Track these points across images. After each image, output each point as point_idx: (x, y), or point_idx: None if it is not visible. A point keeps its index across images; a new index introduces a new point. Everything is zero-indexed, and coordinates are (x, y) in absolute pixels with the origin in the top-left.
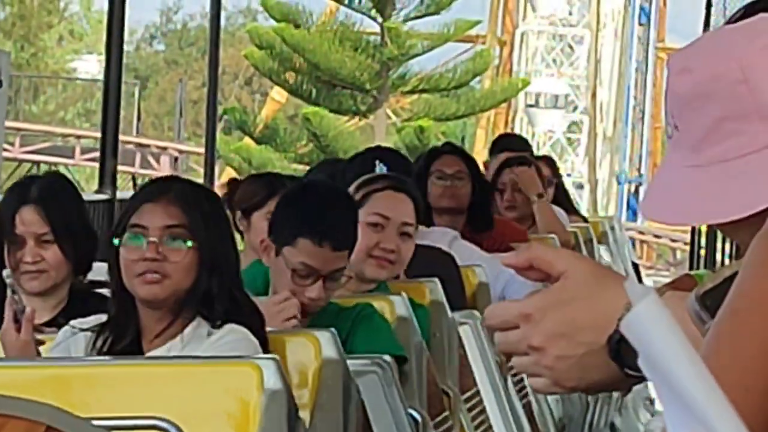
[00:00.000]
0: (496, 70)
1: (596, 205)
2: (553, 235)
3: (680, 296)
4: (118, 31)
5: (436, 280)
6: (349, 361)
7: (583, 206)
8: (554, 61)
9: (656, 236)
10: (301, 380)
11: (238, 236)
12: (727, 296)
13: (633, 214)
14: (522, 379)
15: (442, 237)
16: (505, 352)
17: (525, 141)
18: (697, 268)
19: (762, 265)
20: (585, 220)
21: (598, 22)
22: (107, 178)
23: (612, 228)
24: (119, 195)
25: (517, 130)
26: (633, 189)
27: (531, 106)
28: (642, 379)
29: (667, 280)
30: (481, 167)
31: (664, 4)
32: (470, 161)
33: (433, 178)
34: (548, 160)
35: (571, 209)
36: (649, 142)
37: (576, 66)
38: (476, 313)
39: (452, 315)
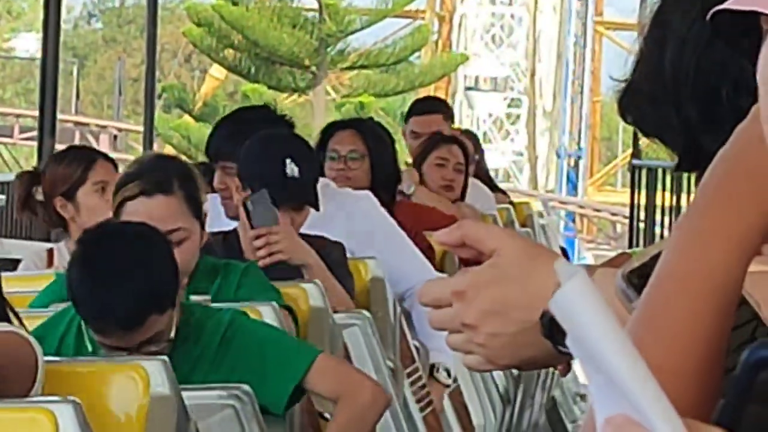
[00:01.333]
0: (435, 46)
1: (536, 181)
2: (494, 212)
3: (611, 273)
4: (55, 9)
5: (376, 257)
6: (335, 315)
7: (524, 182)
8: (493, 40)
9: (596, 210)
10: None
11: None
12: (651, 275)
13: (573, 188)
14: (424, 386)
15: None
16: (439, 329)
17: (441, 101)
18: (637, 242)
19: (684, 245)
20: (509, 199)
21: (536, 2)
22: (45, 156)
23: (539, 211)
24: None
25: (456, 113)
26: (573, 163)
27: (470, 89)
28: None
29: (608, 253)
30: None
31: None
32: (372, 137)
33: (327, 158)
34: (470, 135)
35: (495, 188)
36: (589, 116)
37: (515, 46)
38: (366, 313)
39: (335, 316)
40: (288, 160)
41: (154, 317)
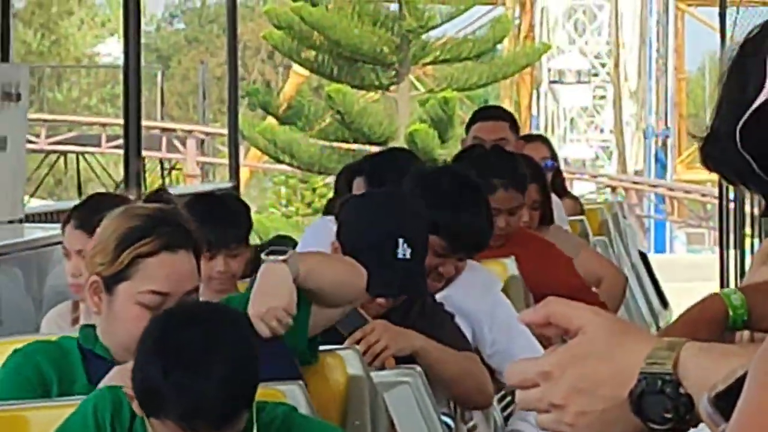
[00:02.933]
0: (518, 33)
1: (625, 164)
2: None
3: (701, 350)
4: (135, 15)
5: (513, 257)
6: (374, 374)
7: (613, 165)
8: (575, 29)
9: (686, 192)
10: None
11: None
12: (738, 404)
13: (662, 168)
14: None
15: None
16: (527, 410)
17: (506, 111)
18: (727, 222)
19: (763, 381)
20: (580, 205)
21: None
22: (132, 165)
23: (615, 215)
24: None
25: (542, 109)
26: (660, 142)
27: (555, 82)
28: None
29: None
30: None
31: None
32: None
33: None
34: (544, 140)
35: (565, 193)
36: (674, 94)
37: (598, 34)
38: (417, 369)
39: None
40: (401, 240)
41: (244, 411)
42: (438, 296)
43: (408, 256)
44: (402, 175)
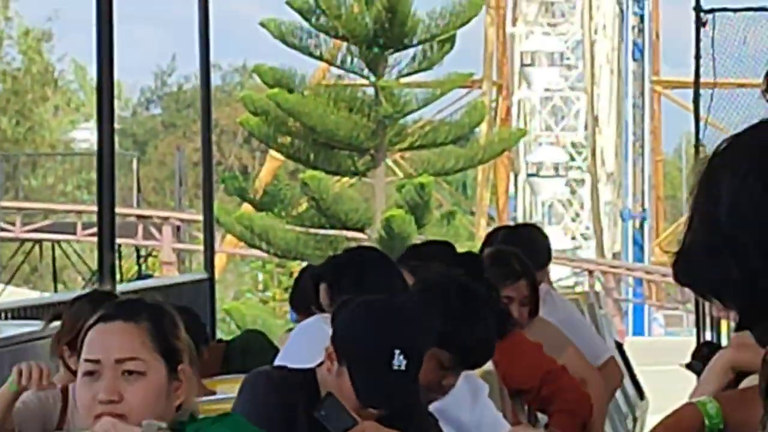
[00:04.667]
0: (494, 114)
1: (602, 247)
2: None
3: None
4: (109, 101)
5: None
6: None
7: (591, 249)
8: (553, 116)
9: (663, 275)
10: None
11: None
12: None
13: (639, 250)
14: None
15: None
16: None
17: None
18: (704, 303)
19: None
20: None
21: (592, 83)
22: (106, 252)
23: (591, 305)
24: (119, 288)
25: (519, 199)
26: (638, 224)
27: (532, 175)
28: None
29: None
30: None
31: (657, 37)
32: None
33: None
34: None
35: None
36: (651, 176)
37: (575, 119)
38: None
39: None
40: (397, 351)
41: None
42: (431, 407)
43: (403, 367)
44: (364, 283)
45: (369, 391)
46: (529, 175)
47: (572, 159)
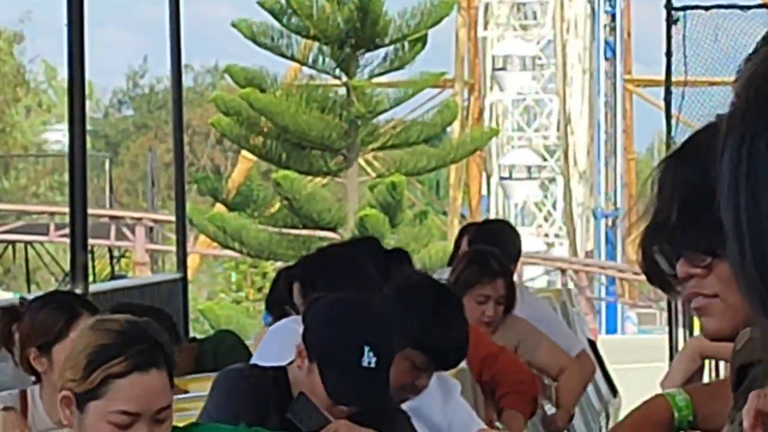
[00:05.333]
0: (466, 113)
1: (575, 246)
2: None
3: None
4: (80, 102)
5: None
6: None
7: (563, 252)
8: (526, 116)
9: (635, 273)
10: None
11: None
12: None
13: (612, 248)
14: None
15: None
16: None
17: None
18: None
19: None
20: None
21: (564, 85)
22: (79, 253)
23: (563, 303)
24: (92, 288)
25: (492, 201)
26: (610, 223)
27: (505, 178)
28: None
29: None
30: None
31: (629, 35)
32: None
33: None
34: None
35: None
36: (624, 175)
37: (547, 119)
38: None
39: None
40: (367, 348)
41: None
42: (404, 406)
43: (373, 364)
44: (337, 282)
45: (339, 389)
46: (501, 178)
47: (544, 159)
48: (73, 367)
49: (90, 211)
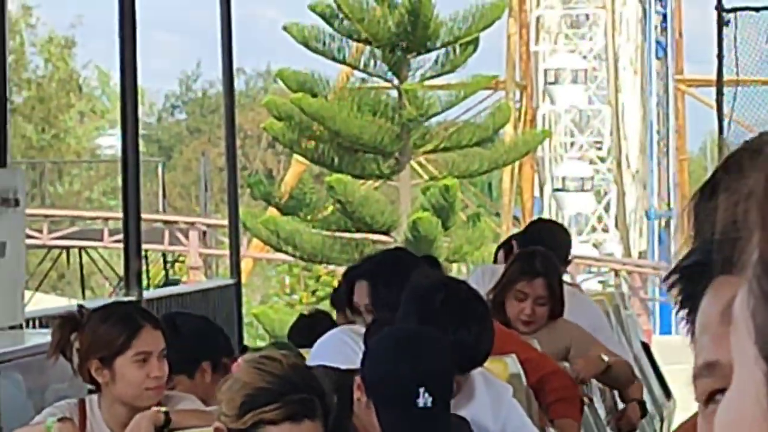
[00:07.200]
0: (519, 115)
1: (629, 248)
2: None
3: None
4: (133, 108)
5: (513, 355)
6: None
7: (618, 251)
8: (579, 122)
9: None
10: None
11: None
12: None
13: (665, 249)
14: None
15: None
16: None
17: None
18: None
19: None
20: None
21: (616, 95)
22: (133, 258)
23: (616, 306)
24: (146, 295)
25: (545, 213)
26: (663, 223)
27: (558, 190)
28: None
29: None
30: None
31: (680, 35)
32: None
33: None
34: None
35: None
36: (676, 175)
37: (600, 137)
38: None
39: None
40: (422, 390)
41: None
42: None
43: (429, 404)
44: (406, 278)
45: (395, 430)
46: (554, 190)
47: (597, 165)
48: (229, 403)
49: (143, 215)
